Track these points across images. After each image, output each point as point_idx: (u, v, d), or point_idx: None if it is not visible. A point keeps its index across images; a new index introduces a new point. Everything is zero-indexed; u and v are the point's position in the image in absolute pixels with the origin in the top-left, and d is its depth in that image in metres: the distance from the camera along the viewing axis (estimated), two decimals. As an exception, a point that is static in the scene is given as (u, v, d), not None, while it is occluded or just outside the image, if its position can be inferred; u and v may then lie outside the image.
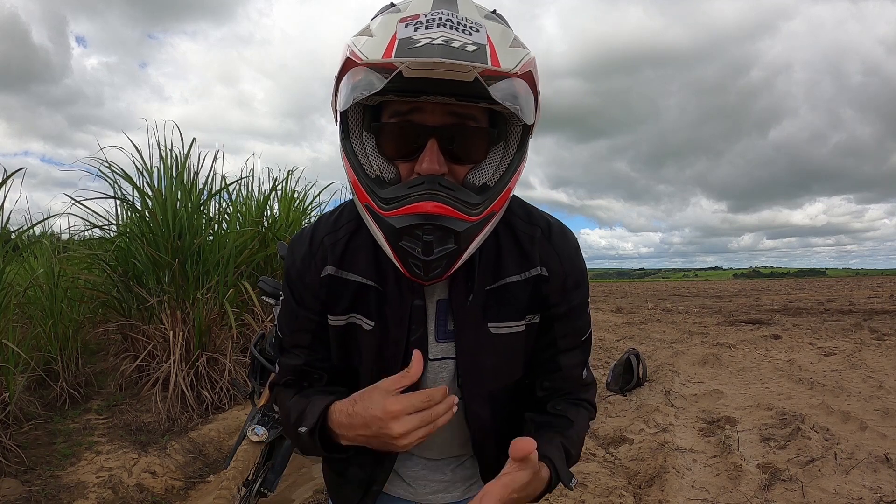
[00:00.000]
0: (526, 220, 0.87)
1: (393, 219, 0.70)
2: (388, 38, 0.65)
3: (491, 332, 0.85)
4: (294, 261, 0.88)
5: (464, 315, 0.84)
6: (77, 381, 4.00)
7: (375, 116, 0.76)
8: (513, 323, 0.86)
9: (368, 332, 0.85)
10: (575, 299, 0.88)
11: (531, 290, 0.85)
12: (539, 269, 0.86)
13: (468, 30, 0.65)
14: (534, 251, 0.86)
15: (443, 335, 0.87)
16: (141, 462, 3.07)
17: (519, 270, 0.85)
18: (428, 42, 0.62)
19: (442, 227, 0.69)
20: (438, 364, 0.88)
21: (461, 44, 0.63)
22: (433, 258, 0.71)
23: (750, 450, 3.37)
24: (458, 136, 0.72)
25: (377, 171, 0.74)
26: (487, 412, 0.90)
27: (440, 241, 0.70)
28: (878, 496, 2.64)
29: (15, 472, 2.86)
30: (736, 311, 13.70)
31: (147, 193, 4.19)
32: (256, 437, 2.15)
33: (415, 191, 0.69)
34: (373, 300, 0.85)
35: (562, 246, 0.88)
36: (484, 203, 0.72)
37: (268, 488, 2.24)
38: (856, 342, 7.29)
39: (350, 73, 0.69)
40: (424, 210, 0.68)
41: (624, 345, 7.73)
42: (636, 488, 2.92)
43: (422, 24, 0.65)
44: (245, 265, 4.59)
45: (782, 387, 5.04)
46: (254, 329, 4.32)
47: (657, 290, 37.99)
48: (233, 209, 4.99)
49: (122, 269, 4.22)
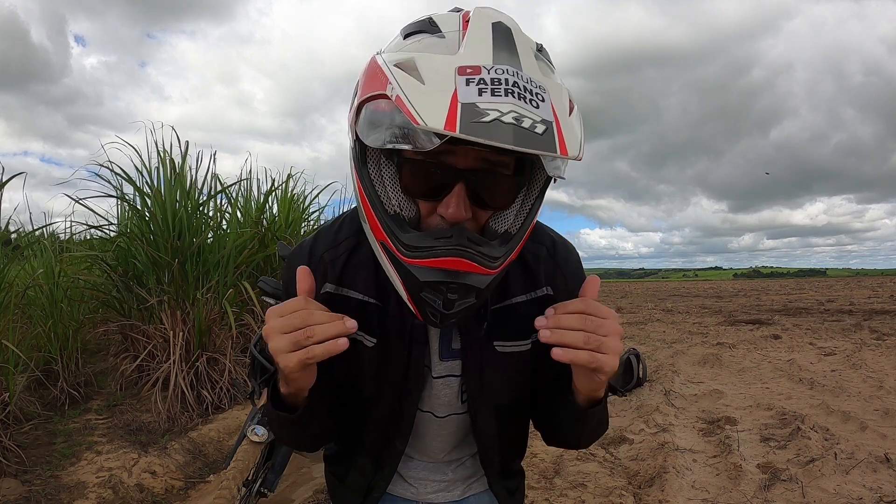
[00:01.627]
0: (531, 238, 0.84)
1: (416, 269, 0.66)
2: (448, 99, 0.57)
3: (497, 351, 0.85)
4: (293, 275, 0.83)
5: (470, 334, 0.84)
6: (77, 381, 4.00)
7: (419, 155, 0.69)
8: (519, 342, 0.86)
9: (370, 348, 0.84)
10: None
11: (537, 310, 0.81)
12: (545, 289, 0.86)
13: (535, 99, 0.59)
14: (539, 270, 0.86)
15: (447, 354, 0.87)
16: (141, 462, 3.07)
17: (525, 290, 0.85)
18: (496, 119, 0.56)
19: (464, 285, 0.66)
20: (442, 381, 0.88)
21: (531, 123, 0.57)
22: (452, 311, 0.68)
23: (750, 450, 3.37)
24: (486, 182, 0.69)
25: (396, 207, 0.69)
26: (493, 425, 0.91)
27: (462, 295, 0.67)
28: (878, 496, 2.64)
29: (15, 472, 2.86)
30: (736, 311, 13.70)
31: (147, 193, 4.20)
32: (256, 437, 2.15)
33: (442, 244, 0.65)
34: (374, 317, 0.83)
35: (566, 264, 0.89)
36: (505, 255, 0.69)
37: (268, 488, 2.24)
38: (856, 342, 7.29)
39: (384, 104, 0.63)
40: (451, 267, 0.65)
41: (624, 345, 7.73)
42: (636, 488, 2.92)
43: (486, 86, 0.58)
44: (245, 265, 4.59)
45: (782, 387, 5.04)
46: (254, 329, 4.32)
47: (657, 290, 37.97)
48: (232, 209, 5.00)
49: (122, 269, 4.22)
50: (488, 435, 0.91)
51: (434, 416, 0.91)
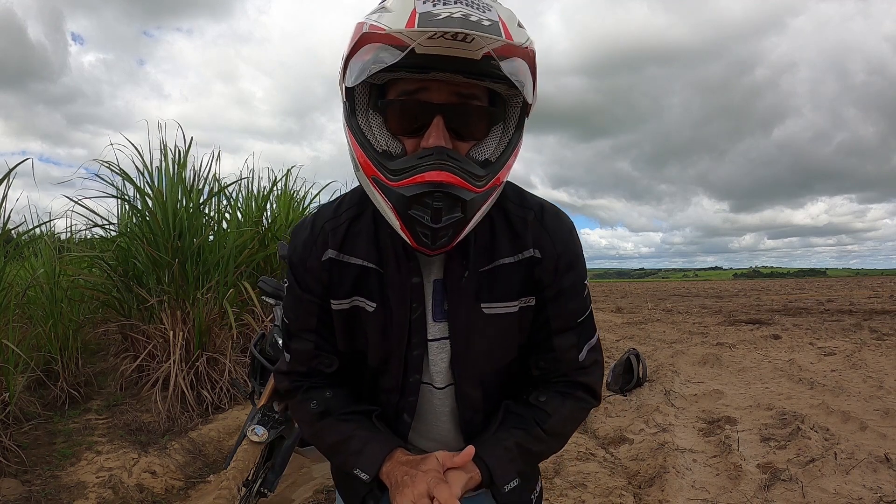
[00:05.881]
0: (519, 203, 0.90)
1: (402, 188, 0.73)
2: (409, 12, 0.68)
3: (484, 313, 0.87)
4: (296, 246, 0.91)
5: (458, 295, 0.87)
6: (77, 381, 4.00)
7: (382, 95, 0.79)
8: (505, 304, 0.88)
9: (371, 313, 0.88)
10: (567, 281, 0.89)
11: (524, 272, 0.87)
12: (532, 250, 0.88)
13: (482, 8, 0.69)
14: (526, 233, 0.88)
15: (439, 315, 0.89)
16: (141, 462, 3.07)
17: (512, 252, 0.88)
18: (448, 16, 0.66)
19: (451, 194, 0.73)
20: (437, 345, 0.90)
21: (478, 18, 0.67)
22: (441, 226, 0.74)
23: (750, 450, 3.37)
24: (462, 114, 0.76)
25: (384, 146, 0.77)
26: (479, 395, 0.92)
27: (448, 208, 0.73)
28: (878, 496, 2.64)
29: (15, 472, 2.86)
30: (736, 311, 13.70)
31: (147, 193, 4.20)
32: (256, 437, 2.15)
33: (424, 161, 0.73)
34: (374, 282, 0.88)
35: (555, 228, 0.90)
36: (488, 175, 0.76)
37: (268, 488, 2.24)
38: (856, 342, 7.28)
39: (363, 49, 0.72)
40: (434, 179, 0.72)
41: (624, 345, 7.73)
42: (636, 488, 2.92)
43: (439, 1, 0.69)
44: (245, 265, 4.59)
45: (782, 387, 5.04)
46: (254, 329, 4.32)
47: (657, 290, 37.98)
48: (233, 209, 5.00)
49: (122, 269, 4.22)
50: (473, 404, 0.92)
51: (433, 386, 0.93)
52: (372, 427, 0.91)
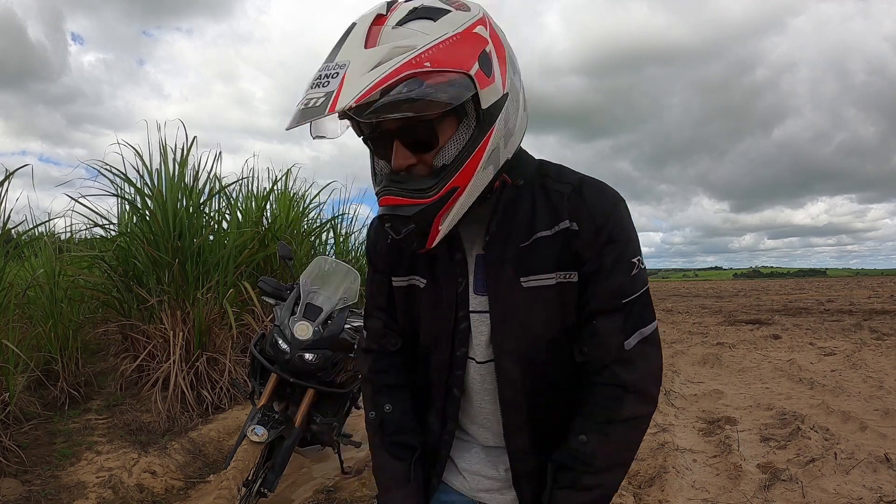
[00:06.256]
0: (557, 178, 0.93)
1: None
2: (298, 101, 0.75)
3: (522, 286, 0.89)
4: (369, 234, 1.09)
5: (497, 268, 0.91)
6: (77, 381, 3.99)
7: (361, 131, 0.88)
8: (543, 276, 0.89)
9: (423, 289, 0.98)
10: (608, 256, 0.86)
11: (561, 245, 0.89)
12: (567, 223, 0.88)
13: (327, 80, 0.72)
14: (563, 206, 0.89)
15: (481, 288, 0.94)
16: (141, 462, 3.07)
17: (549, 225, 0.89)
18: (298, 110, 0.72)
19: (397, 215, 0.83)
20: (478, 317, 0.94)
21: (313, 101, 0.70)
22: (402, 237, 0.85)
23: (750, 450, 3.37)
24: (413, 132, 0.81)
25: (377, 170, 0.89)
26: (518, 372, 0.92)
27: (398, 226, 0.84)
28: (878, 496, 2.64)
29: (15, 472, 2.86)
30: (736, 311, 13.71)
31: (147, 194, 4.19)
32: (256, 437, 2.15)
33: (379, 190, 0.85)
34: (425, 260, 0.98)
35: (594, 200, 0.89)
36: (438, 184, 0.81)
37: (268, 488, 2.24)
38: (856, 342, 7.29)
39: None
40: (383, 204, 0.84)
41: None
42: (636, 488, 2.92)
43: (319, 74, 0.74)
44: (245, 265, 4.59)
45: (782, 387, 5.04)
46: (254, 329, 4.32)
47: (657, 289, 37.97)
48: (232, 209, 4.99)
49: (122, 269, 4.21)
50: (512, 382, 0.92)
51: (476, 361, 0.95)
52: (406, 475, 0.99)
